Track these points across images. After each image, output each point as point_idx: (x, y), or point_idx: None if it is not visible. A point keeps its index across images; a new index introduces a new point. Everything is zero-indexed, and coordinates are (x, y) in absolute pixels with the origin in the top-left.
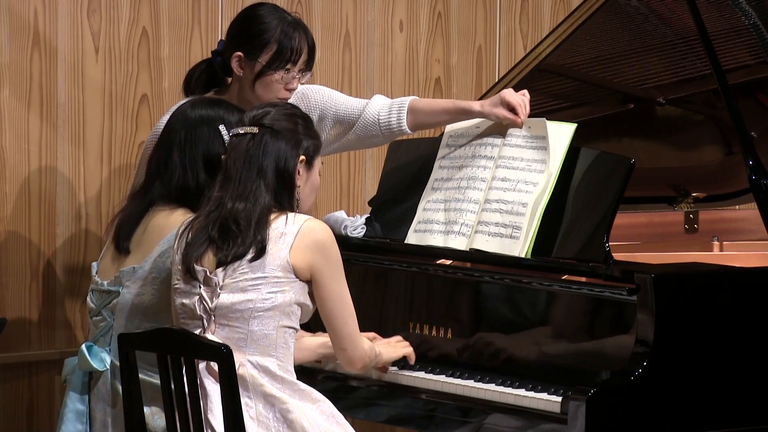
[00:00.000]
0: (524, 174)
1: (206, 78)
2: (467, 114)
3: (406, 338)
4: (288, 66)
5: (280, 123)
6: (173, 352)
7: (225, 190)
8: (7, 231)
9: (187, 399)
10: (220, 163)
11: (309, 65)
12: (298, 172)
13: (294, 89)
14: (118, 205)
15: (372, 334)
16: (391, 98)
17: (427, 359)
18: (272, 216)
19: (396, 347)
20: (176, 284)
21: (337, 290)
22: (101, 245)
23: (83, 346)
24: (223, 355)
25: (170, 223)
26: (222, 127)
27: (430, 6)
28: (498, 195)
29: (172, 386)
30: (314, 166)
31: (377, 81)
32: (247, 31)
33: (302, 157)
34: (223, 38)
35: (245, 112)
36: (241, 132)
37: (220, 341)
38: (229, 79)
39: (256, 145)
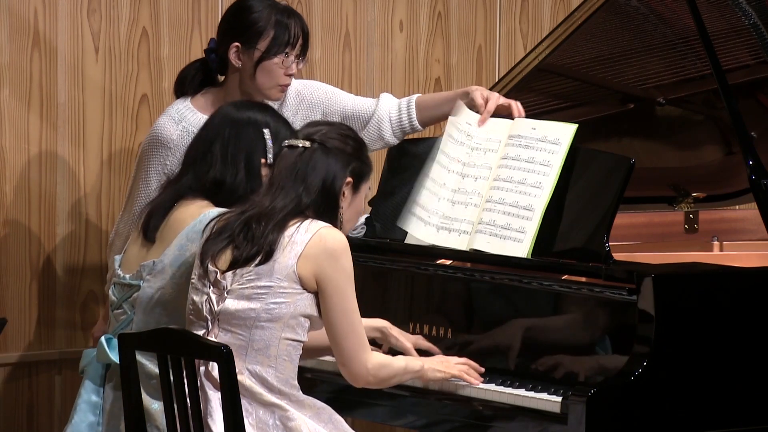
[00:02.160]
0: (525, 175)
1: (200, 77)
2: (464, 96)
3: None
4: (287, 50)
5: (333, 141)
6: (173, 352)
7: (267, 195)
8: (7, 231)
9: (188, 399)
10: (259, 167)
11: (304, 51)
12: (344, 193)
13: (293, 74)
14: (118, 205)
15: (415, 338)
16: None
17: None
18: (293, 220)
19: (448, 365)
20: (193, 278)
21: (341, 303)
22: (101, 245)
23: (103, 338)
24: (223, 356)
25: (187, 217)
26: (266, 131)
27: (430, 6)
28: (499, 195)
29: (173, 386)
30: (360, 191)
31: (377, 81)
32: (241, 22)
33: (349, 179)
34: (215, 36)
35: (298, 127)
36: (294, 144)
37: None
38: (221, 78)
39: (306, 158)
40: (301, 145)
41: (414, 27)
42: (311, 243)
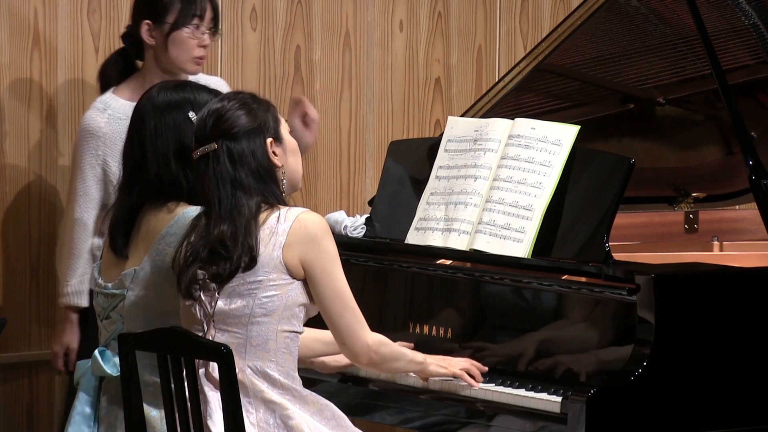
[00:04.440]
0: (525, 174)
1: (120, 66)
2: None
3: (406, 339)
4: (195, 21)
5: (231, 122)
6: (173, 352)
7: (208, 217)
8: (7, 231)
9: (188, 399)
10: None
11: (216, 24)
12: (274, 153)
13: (206, 46)
14: None
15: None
16: (391, 99)
17: None
18: (263, 215)
19: (449, 363)
20: (179, 289)
21: (330, 284)
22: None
23: (96, 352)
24: (222, 356)
25: (159, 221)
26: (192, 114)
27: (430, 6)
28: (499, 195)
29: (173, 386)
30: (284, 136)
31: (377, 81)
32: (148, 1)
33: (269, 140)
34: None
35: (199, 117)
36: (201, 154)
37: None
38: (140, 63)
39: (221, 161)
40: (207, 150)
41: (414, 27)
42: (292, 230)
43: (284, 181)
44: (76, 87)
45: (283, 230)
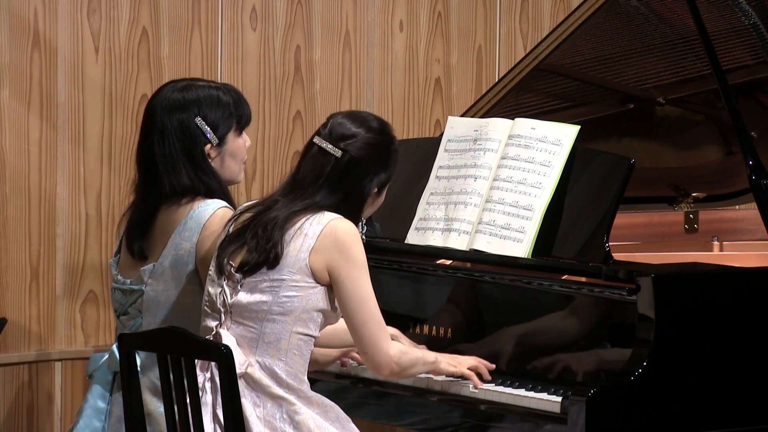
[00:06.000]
0: (525, 174)
1: None
2: None
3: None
4: None
5: (363, 151)
6: (173, 352)
7: (285, 198)
8: (7, 231)
9: (188, 399)
10: (203, 158)
11: None
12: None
13: None
14: (118, 205)
15: (422, 347)
16: (391, 99)
17: None
18: (301, 216)
19: (460, 363)
20: (210, 270)
21: (355, 291)
22: (101, 245)
23: (114, 347)
24: (222, 356)
25: (177, 218)
26: (199, 120)
27: (430, 6)
28: (499, 195)
29: (173, 386)
30: (382, 194)
31: (377, 81)
32: None
33: (375, 190)
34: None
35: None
36: (324, 148)
37: (233, 338)
38: None
39: (334, 170)
40: (331, 151)
41: (414, 27)
42: (322, 235)
43: (363, 222)
44: (76, 87)
45: (314, 233)
